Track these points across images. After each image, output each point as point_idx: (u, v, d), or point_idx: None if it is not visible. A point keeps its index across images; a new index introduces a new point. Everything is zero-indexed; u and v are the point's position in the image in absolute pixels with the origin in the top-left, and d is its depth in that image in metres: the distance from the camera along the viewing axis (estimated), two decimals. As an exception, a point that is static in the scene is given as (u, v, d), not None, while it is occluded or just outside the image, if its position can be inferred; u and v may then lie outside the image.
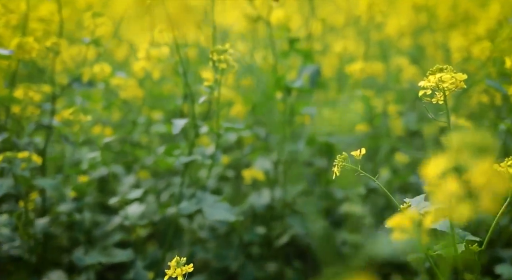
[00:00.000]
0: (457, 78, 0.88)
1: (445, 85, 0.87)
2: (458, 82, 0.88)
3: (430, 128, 2.63)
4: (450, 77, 0.87)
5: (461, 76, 0.89)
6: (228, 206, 1.48)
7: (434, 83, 0.88)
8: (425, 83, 0.90)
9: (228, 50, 1.28)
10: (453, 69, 0.90)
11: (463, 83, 0.89)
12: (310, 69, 1.86)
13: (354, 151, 1.00)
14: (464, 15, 3.43)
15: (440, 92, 0.90)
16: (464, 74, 0.89)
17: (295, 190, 1.97)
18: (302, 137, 2.43)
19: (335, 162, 0.98)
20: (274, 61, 1.84)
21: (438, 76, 0.88)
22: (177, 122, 1.46)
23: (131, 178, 2.16)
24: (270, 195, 1.95)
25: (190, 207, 1.48)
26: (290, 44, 1.82)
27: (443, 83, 0.87)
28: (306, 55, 1.86)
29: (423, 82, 0.91)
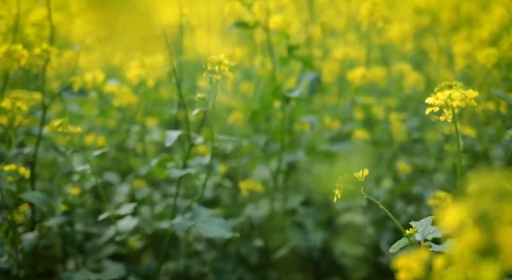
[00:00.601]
0: (468, 96, 0.82)
1: (455, 103, 0.81)
2: (468, 100, 0.82)
3: (433, 134, 2.57)
4: (460, 95, 0.81)
5: (472, 93, 0.83)
6: (223, 222, 1.42)
7: (442, 101, 0.82)
8: (432, 101, 0.84)
9: (223, 60, 1.22)
10: (462, 85, 0.84)
11: (474, 101, 0.83)
12: (309, 76, 1.80)
13: (357, 172, 0.94)
14: (467, 17, 3.38)
15: (448, 109, 0.84)
16: (474, 91, 0.82)
17: (294, 201, 1.90)
18: (301, 145, 2.37)
19: (336, 182, 0.92)
20: (272, 68, 1.78)
21: (447, 94, 0.82)
22: (170, 134, 1.40)
23: (126, 188, 2.09)
24: (268, 206, 1.89)
25: (184, 223, 1.42)
26: (288, 51, 1.76)
27: (452, 101, 0.81)
28: (306, 62, 1.79)
29: (431, 99, 0.85)
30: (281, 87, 1.60)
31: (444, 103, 0.82)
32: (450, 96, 0.81)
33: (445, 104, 0.83)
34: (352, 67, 2.34)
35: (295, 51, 1.77)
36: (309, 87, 1.80)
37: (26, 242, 1.49)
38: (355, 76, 2.06)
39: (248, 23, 1.71)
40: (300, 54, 1.80)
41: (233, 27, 1.71)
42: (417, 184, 2.04)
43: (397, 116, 2.02)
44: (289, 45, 1.76)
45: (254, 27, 1.71)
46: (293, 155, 1.85)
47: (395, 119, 2.01)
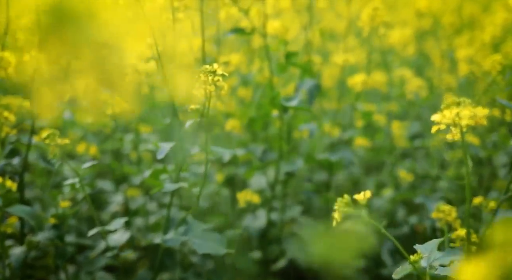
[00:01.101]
0: (477, 114, 0.76)
1: (463, 122, 0.75)
2: (478, 118, 0.76)
3: (435, 141, 2.52)
4: (469, 113, 0.75)
5: (482, 111, 0.77)
6: (218, 237, 1.36)
7: (450, 120, 0.76)
8: (439, 119, 0.78)
9: (217, 70, 1.16)
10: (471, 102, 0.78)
11: (484, 119, 0.77)
12: (308, 83, 1.74)
13: (357, 194, 0.88)
14: (470, 20, 3.32)
15: (456, 128, 0.78)
16: (485, 109, 0.77)
17: (293, 212, 1.85)
18: (300, 152, 2.31)
19: (335, 205, 0.86)
20: (270, 75, 1.72)
21: (455, 112, 0.76)
22: (163, 146, 1.34)
23: (120, 197, 2.04)
24: (266, 217, 1.83)
25: (177, 238, 1.36)
26: (286, 58, 1.70)
27: (461, 120, 0.75)
28: (304, 69, 1.74)
29: (437, 116, 0.79)
30: (278, 96, 1.54)
31: (452, 122, 0.76)
32: (458, 114, 0.76)
33: (453, 123, 0.77)
34: (352, 71, 2.29)
35: (293, 58, 1.71)
36: (308, 95, 1.74)
37: (13, 257, 1.43)
38: (355, 82, 2.00)
39: (245, 29, 1.65)
40: (298, 61, 1.74)
41: (230, 34, 1.65)
42: (419, 193, 1.98)
43: (398, 124, 1.96)
44: (287, 52, 1.70)
45: (251, 33, 1.65)
46: (292, 165, 1.79)
47: (397, 127, 1.95)
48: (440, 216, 1.44)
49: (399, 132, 1.96)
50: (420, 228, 1.96)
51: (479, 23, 3.24)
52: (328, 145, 2.26)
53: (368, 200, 2.06)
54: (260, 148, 1.84)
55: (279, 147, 1.74)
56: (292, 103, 1.52)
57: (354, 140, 2.19)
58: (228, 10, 1.66)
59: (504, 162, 2.23)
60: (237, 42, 2.59)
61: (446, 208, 1.43)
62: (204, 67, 1.17)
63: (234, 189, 2.18)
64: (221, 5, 1.65)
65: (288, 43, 1.72)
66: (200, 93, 1.18)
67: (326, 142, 2.33)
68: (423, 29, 3.30)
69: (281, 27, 1.83)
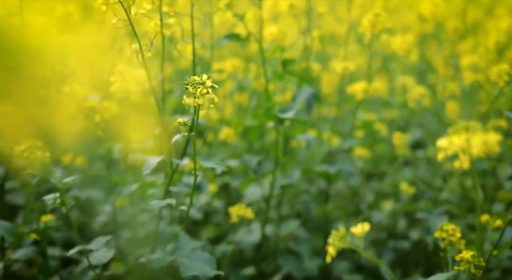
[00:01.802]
0: (489, 141, 0.68)
1: (474, 150, 0.67)
2: (490, 146, 0.68)
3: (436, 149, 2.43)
4: (481, 140, 0.67)
5: (494, 138, 0.69)
6: (208, 257, 1.28)
7: (459, 148, 0.68)
8: (447, 145, 0.70)
9: (206, 82, 1.08)
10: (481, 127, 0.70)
11: (497, 146, 0.69)
12: (306, 92, 1.66)
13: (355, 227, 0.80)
14: (473, 24, 3.24)
15: (465, 155, 0.70)
16: (497, 135, 0.68)
17: (289, 226, 1.77)
18: (298, 161, 2.23)
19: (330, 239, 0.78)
20: (265, 83, 1.63)
21: (464, 139, 0.68)
22: (149, 161, 1.26)
23: (109, 207, 1.95)
24: (261, 231, 1.74)
25: (164, 258, 1.28)
26: (283, 65, 1.62)
27: (472, 147, 0.67)
28: (302, 78, 1.66)
29: (444, 142, 0.71)
30: (273, 107, 1.46)
31: (461, 149, 0.68)
32: (468, 141, 0.67)
33: (462, 151, 0.69)
34: (352, 78, 2.21)
35: (291, 66, 1.62)
36: (306, 104, 1.66)
37: (-9, 276, 1.35)
38: (355, 90, 1.92)
39: (240, 35, 1.57)
40: (296, 68, 1.66)
41: (224, 40, 1.56)
42: (421, 206, 1.90)
43: (400, 135, 1.88)
44: (284, 59, 1.62)
45: (247, 40, 1.57)
46: (288, 178, 1.71)
47: (398, 137, 1.87)
48: (444, 236, 1.36)
49: (401, 142, 1.87)
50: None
51: (483, 28, 3.17)
52: (326, 154, 2.19)
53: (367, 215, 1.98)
54: (255, 159, 1.76)
55: (275, 158, 1.66)
56: (288, 115, 1.44)
57: (354, 149, 2.11)
58: (223, 15, 1.58)
59: (510, 174, 2.15)
60: (233, 47, 2.51)
61: (450, 227, 1.35)
62: (193, 78, 1.09)
63: (228, 199, 2.10)
64: (215, 9, 1.56)
65: (285, 50, 1.63)
66: (188, 105, 1.10)
67: (325, 150, 2.25)
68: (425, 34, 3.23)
69: (278, 32, 1.75)
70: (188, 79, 1.09)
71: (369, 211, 2.02)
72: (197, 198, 1.95)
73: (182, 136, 1.17)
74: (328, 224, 2.09)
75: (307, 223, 2.15)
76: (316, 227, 2.11)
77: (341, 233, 0.79)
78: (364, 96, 1.92)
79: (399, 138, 1.86)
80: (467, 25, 3.13)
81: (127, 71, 1.54)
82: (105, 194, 2.10)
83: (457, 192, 1.92)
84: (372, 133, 1.91)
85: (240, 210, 1.59)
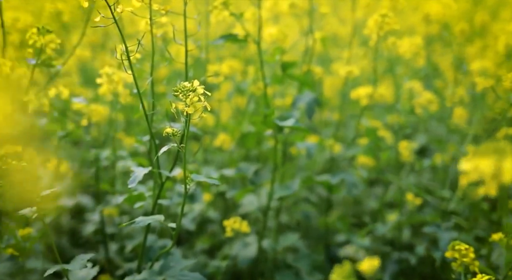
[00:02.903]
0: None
1: (507, 177, 0.56)
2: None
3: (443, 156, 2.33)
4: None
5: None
6: (198, 276, 1.17)
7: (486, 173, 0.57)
8: (471, 169, 0.60)
9: (197, 89, 0.97)
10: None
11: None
12: (307, 97, 1.56)
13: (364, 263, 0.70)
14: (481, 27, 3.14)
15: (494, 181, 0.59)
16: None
17: (287, 240, 1.66)
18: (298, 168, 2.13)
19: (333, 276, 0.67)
20: (264, 87, 1.53)
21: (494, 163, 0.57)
22: (136, 173, 1.15)
23: (97, 216, 1.85)
24: (257, 245, 1.64)
25: (151, 278, 1.17)
26: (283, 69, 1.51)
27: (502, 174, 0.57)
28: (303, 82, 1.55)
29: (468, 166, 0.60)
30: (272, 114, 1.35)
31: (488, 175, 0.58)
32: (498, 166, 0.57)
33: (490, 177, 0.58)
34: (356, 80, 2.10)
35: (291, 69, 1.52)
36: (307, 109, 1.55)
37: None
38: (360, 95, 1.82)
39: (237, 36, 1.46)
40: (297, 72, 1.55)
41: (220, 40, 1.46)
42: (428, 219, 1.79)
43: (406, 144, 1.77)
44: (284, 62, 1.51)
45: (245, 41, 1.46)
46: (287, 188, 1.60)
47: (404, 147, 1.76)
48: (456, 256, 1.25)
49: (407, 152, 1.76)
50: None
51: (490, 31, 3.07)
52: (328, 160, 2.08)
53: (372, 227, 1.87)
54: (253, 167, 1.65)
55: (273, 167, 1.55)
56: (287, 123, 1.33)
57: (357, 156, 2.00)
58: (219, 14, 1.46)
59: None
60: (232, 48, 2.40)
61: (463, 247, 1.24)
62: (183, 85, 0.98)
63: (224, 207, 1.99)
64: (211, 8, 1.45)
65: (285, 52, 1.52)
66: (178, 114, 1.00)
67: (326, 157, 2.14)
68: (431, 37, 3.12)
69: (278, 33, 1.64)
70: (178, 85, 0.99)
71: (373, 223, 1.92)
72: (191, 207, 1.85)
73: (171, 147, 1.07)
74: (329, 235, 1.98)
75: (306, 234, 2.04)
76: (316, 239, 2.01)
77: (345, 271, 0.68)
78: (369, 102, 1.82)
79: (405, 148, 1.75)
80: (475, 27, 3.03)
81: (115, 73, 1.43)
82: (94, 200, 2.00)
83: (465, 203, 1.81)
84: (377, 141, 1.80)
85: (235, 224, 1.49)
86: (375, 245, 1.90)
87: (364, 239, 1.74)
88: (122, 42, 1.28)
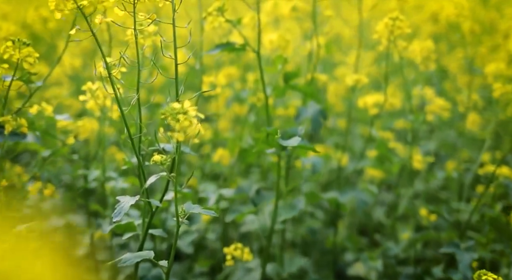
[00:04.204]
0: None
1: None
2: None
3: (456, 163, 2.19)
4: None
5: None
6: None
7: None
8: None
9: (189, 111, 0.84)
10: None
11: None
12: (312, 109, 1.42)
13: None
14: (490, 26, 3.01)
15: None
16: None
17: (293, 266, 1.52)
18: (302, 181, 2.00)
19: None
20: (265, 99, 1.39)
21: None
22: (122, 204, 1.02)
23: (88, 239, 1.72)
24: (261, 271, 1.50)
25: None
26: (285, 80, 1.38)
27: None
28: (307, 93, 1.42)
29: None
30: (275, 134, 1.22)
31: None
32: None
33: None
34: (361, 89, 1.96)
35: (294, 79, 1.38)
36: (312, 124, 1.42)
37: None
38: (367, 104, 1.68)
39: (235, 44, 1.33)
40: (300, 82, 1.42)
41: (215, 50, 1.32)
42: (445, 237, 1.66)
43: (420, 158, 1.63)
44: (286, 72, 1.37)
45: (243, 49, 1.32)
46: (291, 209, 1.46)
47: (418, 160, 1.62)
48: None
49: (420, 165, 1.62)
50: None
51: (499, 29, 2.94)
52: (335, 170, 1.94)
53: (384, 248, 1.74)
54: (254, 186, 1.51)
55: (276, 186, 1.41)
56: (292, 143, 1.19)
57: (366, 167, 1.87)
58: (215, 20, 1.33)
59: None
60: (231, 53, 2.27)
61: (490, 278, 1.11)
62: (171, 107, 0.85)
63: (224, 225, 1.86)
64: (205, 15, 1.32)
65: (287, 62, 1.39)
66: (166, 140, 0.86)
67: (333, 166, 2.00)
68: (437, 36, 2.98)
69: (279, 40, 1.51)
70: (166, 106, 0.85)
71: (384, 239, 1.78)
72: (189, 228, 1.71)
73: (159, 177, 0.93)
74: (337, 255, 1.84)
75: (312, 249, 1.91)
76: (323, 253, 1.88)
77: None
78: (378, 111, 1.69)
79: (419, 161, 1.61)
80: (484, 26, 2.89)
81: (100, 88, 1.30)
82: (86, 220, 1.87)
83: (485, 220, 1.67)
84: (388, 154, 1.67)
85: (236, 251, 1.35)
86: (387, 263, 1.77)
87: (376, 261, 1.60)
88: (117, 49, 1.15)
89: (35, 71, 1.24)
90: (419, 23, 2.95)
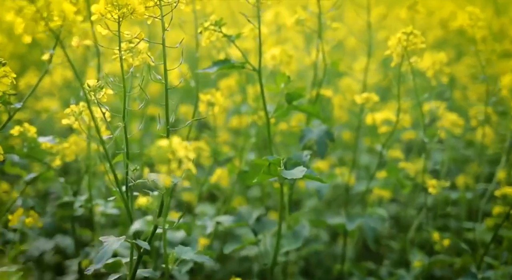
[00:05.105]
0: None
1: None
2: None
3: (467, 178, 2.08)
4: None
5: None
6: None
7: None
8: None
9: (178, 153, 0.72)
10: None
11: None
12: (317, 131, 1.31)
13: None
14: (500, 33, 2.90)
15: None
16: None
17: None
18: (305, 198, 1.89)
19: None
20: (267, 119, 1.28)
21: None
22: (106, 246, 0.90)
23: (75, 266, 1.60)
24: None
25: None
26: (288, 100, 1.26)
27: None
28: (311, 113, 1.30)
29: None
30: (278, 164, 1.10)
31: None
32: None
33: None
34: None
35: (297, 98, 1.27)
36: (318, 147, 1.30)
37: None
38: (376, 120, 1.57)
39: (233, 63, 1.21)
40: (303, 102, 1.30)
41: (212, 68, 1.20)
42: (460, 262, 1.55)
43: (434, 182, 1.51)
44: (289, 93, 1.26)
45: (241, 67, 1.21)
46: (295, 239, 1.34)
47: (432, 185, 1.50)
48: None
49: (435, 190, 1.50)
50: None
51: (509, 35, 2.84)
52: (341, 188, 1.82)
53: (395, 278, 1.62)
54: (254, 212, 1.39)
55: (278, 214, 1.29)
56: (296, 174, 1.07)
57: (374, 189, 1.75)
58: (211, 35, 1.21)
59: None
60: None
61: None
62: (158, 145, 0.73)
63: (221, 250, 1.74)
64: (201, 30, 1.20)
65: (291, 81, 1.26)
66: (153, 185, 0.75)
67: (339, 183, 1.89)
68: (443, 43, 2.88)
69: (282, 55, 1.39)
70: (153, 146, 0.74)
71: (394, 267, 1.67)
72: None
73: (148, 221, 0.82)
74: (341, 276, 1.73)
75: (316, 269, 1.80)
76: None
77: None
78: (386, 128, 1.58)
79: (433, 186, 1.49)
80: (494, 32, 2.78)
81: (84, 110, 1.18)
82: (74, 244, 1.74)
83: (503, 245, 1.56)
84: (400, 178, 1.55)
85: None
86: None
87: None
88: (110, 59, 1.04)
89: (13, 92, 1.13)
90: (426, 28, 2.84)
